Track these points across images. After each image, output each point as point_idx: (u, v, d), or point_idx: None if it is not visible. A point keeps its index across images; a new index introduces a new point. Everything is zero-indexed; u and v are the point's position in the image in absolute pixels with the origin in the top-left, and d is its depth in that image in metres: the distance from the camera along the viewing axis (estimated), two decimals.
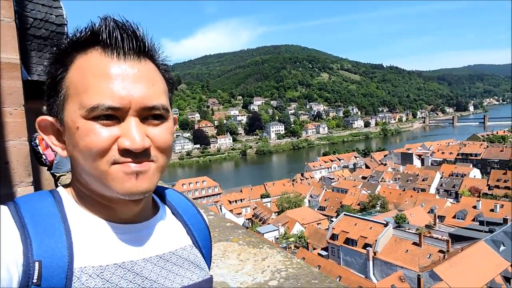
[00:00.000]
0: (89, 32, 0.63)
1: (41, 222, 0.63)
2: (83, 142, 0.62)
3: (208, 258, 0.86)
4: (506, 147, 74.31)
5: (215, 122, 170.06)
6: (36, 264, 0.58)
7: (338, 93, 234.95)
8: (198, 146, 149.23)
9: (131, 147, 0.61)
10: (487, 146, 76.91)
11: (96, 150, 0.61)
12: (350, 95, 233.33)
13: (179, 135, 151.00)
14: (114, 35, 0.62)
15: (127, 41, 0.63)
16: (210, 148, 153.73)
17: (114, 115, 0.62)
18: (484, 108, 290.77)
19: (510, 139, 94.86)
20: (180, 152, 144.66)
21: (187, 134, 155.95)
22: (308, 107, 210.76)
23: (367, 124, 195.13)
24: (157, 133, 0.65)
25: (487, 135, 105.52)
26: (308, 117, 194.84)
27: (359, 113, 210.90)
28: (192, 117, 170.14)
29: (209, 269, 0.85)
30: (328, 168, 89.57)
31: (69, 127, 0.64)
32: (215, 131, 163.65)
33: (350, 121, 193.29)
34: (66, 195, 0.70)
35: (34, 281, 0.58)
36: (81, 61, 0.64)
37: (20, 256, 0.58)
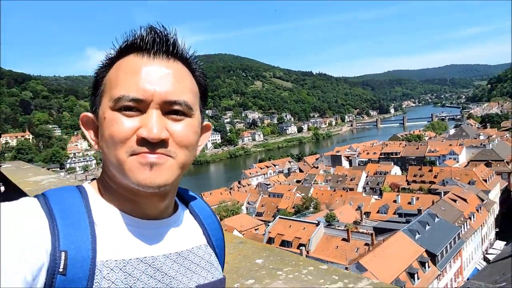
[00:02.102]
0: (129, 39, 0.71)
1: (68, 215, 0.65)
2: (107, 131, 0.67)
3: (221, 259, 0.88)
4: (421, 144, 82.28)
5: None
6: (63, 254, 0.61)
7: (272, 100, 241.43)
8: None
9: (147, 136, 0.64)
10: (405, 145, 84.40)
11: (117, 139, 0.65)
12: (283, 102, 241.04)
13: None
14: (147, 39, 0.70)
15: (158, 44, 0.70)
16: None
17: (137, 108, 0.66)
18: (403, 110, 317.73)
19: (425, 138, 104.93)
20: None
21: None
22: (243, 115, 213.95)
23: (300, 130, 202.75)
24: (178, 129, 0.68)
25: (406, 134, 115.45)
26: (243, 125, 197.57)
27: (292, 119, 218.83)
28: None
29: (222, 269, 0.86)
30: (264, 174, 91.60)
31: (100, 118, 0.70)
32: None
33: (284, 127, 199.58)
34: (91, 190, 0.73)
35: (60, 270, 0.60)
36: (119, 62, 0.71)
37: (49, 244, 0.60)
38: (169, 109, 0.68)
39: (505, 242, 38.96)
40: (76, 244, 0.63)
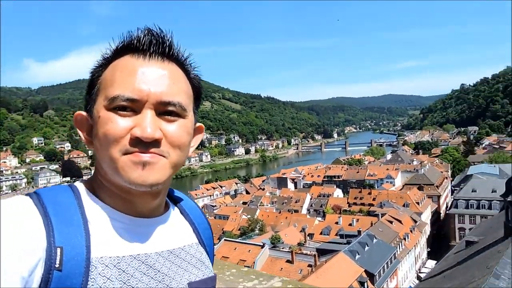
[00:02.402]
0: (126, 40, 0.73)
1: (61, 212, 0.66)
2: (101, 130, 0.68)
3: (211, 257, 0.89)
4: (361, 168, 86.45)
5: (89, 152, 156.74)
6: (58, 250, 0.61)
7: (220, 121, 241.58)
8: (68, 179, 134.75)
9: (141, 135, 0.65)
10: (347, 169, 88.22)
11: (111, 138, 0.66)
12: (232, 123, 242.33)
13: (44, 167, 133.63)
14: (143, 40, 0.71)
15: (154, 45, 0.71)
16: None
17: (132, 107, 0.68)
18: (346, 135, 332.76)
19: (365, 162, 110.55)
20: (44, 186, 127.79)
21: (55, 166, 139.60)
22: None
23: (247, 151, 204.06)
24: (171, 129, 0.70)
25: (347, 159, 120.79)
26: None
27: (240, 140, 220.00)
28: (61, 147, 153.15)
29: (212, 267, 0.87)
30: (210, 195, 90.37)
31: (94, 117, 0.71)
32: (89, 162, 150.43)
33: (232, 149, 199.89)
34: (83, 189, 0.74)
35: (56, 265, 0.60)
36: (115, 63, 0.73)
37: (44, 241, 0.61)
38: (163, 109, 0.69)
39: (435, 261, 41.53)
40: (71, 241, 0.63)
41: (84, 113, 0.75)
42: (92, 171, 0.81)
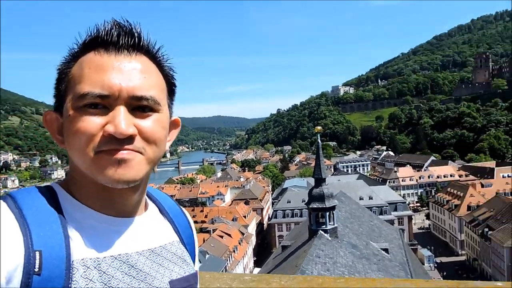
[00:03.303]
0: (93, 34, 0.70)
1: (39, 215, 0.64)
2: (72, 128, 0.66)
3: (193, 255, 0.89)
4: (193, 187, 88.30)
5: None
6: (37, 253, 0.60)
7: (33, 140, 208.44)
8: None
9: (115, 132, 0.63)
10: (180, 188, 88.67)
11: (83, 137, 0.64)
12: (49, 142, 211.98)
13: None
14: (111, 33, 0.68)
15: (122, 37, 0.68)
16: None
17: (103, 104, 0.65)
18: (178, 154, 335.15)
19: (197, 180, 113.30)
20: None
21: None
22: None
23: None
24: (145, 124, 0.67)
25: (180, 178, 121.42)
26: None
27: (60, 162, 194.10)
28: None
29: (194, 265, 0.87)
30: None
31: (64, 116, 0.68)
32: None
33: (49, 171, 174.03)
34: (60, 189, 0.72)
35: (36, 270, 0.59)
36: (82, 58, 0.70)
37: (21, 245, 0.60)
38: (136, 104, 0.67)
39: (260, 268, 45.47)
40: (50, 244, 0.62)
41: (53, 112, 0.73)
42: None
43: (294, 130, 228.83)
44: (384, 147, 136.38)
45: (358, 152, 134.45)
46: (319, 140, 20.31)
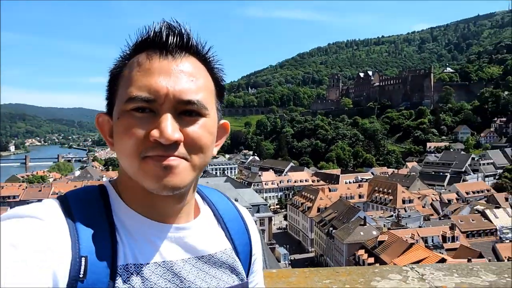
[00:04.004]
0: (144, 36, 0.69)
1: (88, 219, 0.65)
2: (119, 133, 0.66)
3: (245, 264, 0.84)
4: (44, 186, 77.81)
5: None
6: (83, 259, 0.60)
7: None
8: None
9: (160, 138, 0.62)
10: (26, 187, 77.06)
11: (129, 142, 0.64)
12: None
13: None
14: (160, 34, 0.67)
15: (171, 38, 0.67)
16: None
17: (150, 108, 0.64)
18: (26, 148, 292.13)
19: (50, 179, 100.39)
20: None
21: None
22: None
23: None
24: (192, 130, 0.66)
25: (28, 175, 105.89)
26: None
27: None
28: None
29: (247, 275, 0.84)
30: None
31: (114, 119, 0.68)
32: None
33: None
34: (112, 190, 0.72)
35: (81, 276, 0.60)
36: (132, 60, 0.69)
37: (69, 250, 0.60)
38: (183, 109, 0.65)
39: None
40: (97, 249, 0.62)
41: (105, 114, 0.73)
42: None
43: None
44: (251, 152, 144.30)
45: (227, 156, 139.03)
46: None
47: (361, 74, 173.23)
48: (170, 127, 0.62)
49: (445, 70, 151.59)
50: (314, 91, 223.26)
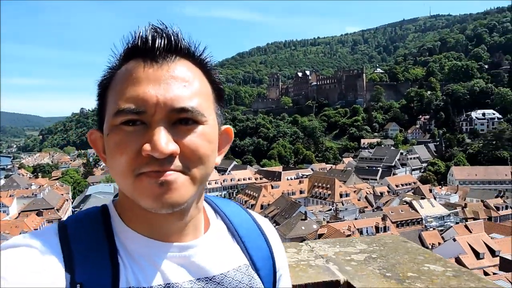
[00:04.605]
0: (129, 42, 0.63)
1: (87, 243, 0.62)
2: (111, 150, 0.61)
3: (268, 281, 0.76)
4: None
5: None
6: (78, 286, 0.58)
7: None
8: None
9: (153, 152, 0.57)
10: None
11: (121, 158, 0.59)
12: None
13: None
14: (146, 37, 0.62)
15: (158, 41, 0.61)
16: None
17: (141, 120, 0.59)
18: None
19: None
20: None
21: None
22: None
23: None
24: (188, 140, 0.60)
25: None
26: None
27: None
28: None
29: None
30: None
31: (104, 135, 0.64)
32: None
33: None
34: (113, 211, 0.69)
35: None
36: (120, 70, 0.64)
37: (63, 277, 0.58)
38: (177, 118, 0.60)
39: None
40: (94, 275, 0.59)
41: (97, 130, 0.68)
42: None
43: None
44: None
45: None
46: None
47: (300, 74, 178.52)
48: (163, 139, 0.57)
49: (375, 71, 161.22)
50: (255, 90, 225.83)
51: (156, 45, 0.61)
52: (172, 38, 0.62)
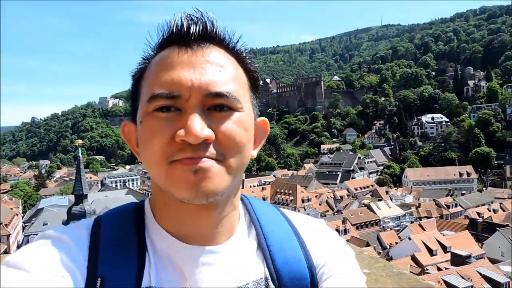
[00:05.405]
0: (165, 31, 0.62)
1: (115, 239, 0.62)
2: (144, 138, 0.59)
3: None
4: None
5: None
6: (99, 279, 0.58)
7: None
8: None
9: (187, 137, 0.54)
10: None
11: (154, 146, 0.57)
12: None
13: None
14: (181, 26, 0.61)
15: (193, 28, 0.60)
16: None
17: (175, 106, 0.57)
18: None
19: None
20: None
21: None
22: None
23: None
24: (224, 126, 0.57)
25: None
26: None
27: None
28: None
29: None
30: None
31: (138, 124, 0.62)
32: None
33: None
34: (148, 207, 0.67)
35: None
36: (154, 59, 0.63)
37: (84, 269, 0.58)
38: (212, 103, 0.57)
39: None
40: (117, 270, 0.59)
41: (131, 122, 0.66)
42: None
43: (54, 143, 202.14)
44: None
45: (128, 167, 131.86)
46: (79, 154, 19.18)
47: (260, 82, 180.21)
48: (197, 124, 0.54)
49: (333, 78, 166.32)
50: None
51: (191, 32, 0.60)
52: (208, 25, 0.61)
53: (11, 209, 70.04)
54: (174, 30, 0.61)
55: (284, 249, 0.67)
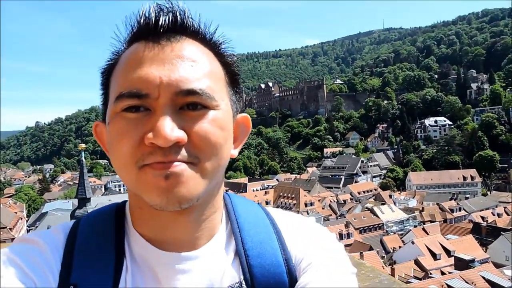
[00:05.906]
0: (132, 24, 0.56)
1: (93, 244, 0.59)
2: (112, 139, 0.54)
3: None
4: None
5: None
6: (71, 287, 0.54)
7: None
8: None
9: (156, 140, 0.49)
10: None
11: (122, 149, 0.52)
12: None
13: None
14: (149, 15, 0.54)
15: (162, 19, 0.54)
16: None
17: (144, 105, 0.52)
18: None
19: None
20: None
21: None
22: None
23: None
24: (197, 126, 0.52)
25: None
26: None
27: None
28: None
29: None
30: None
31: (107, 125, 0.57)
32: None
33: None
34: (128, 211, 0.63)
35: None
36: (123, 55, 0.57)
37: (57, 276, 0.55)
38: (184, 101, 0.52)
39: None
40: (92, 277, 0.55)
41: (102, 122, 0.60)
42: None
43: (58, 147, 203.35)
44: None
45: None
46: (82, 158, 19.45)
47: (263, 86, 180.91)
48: (167, 125, 0.49)
49: (335, 82, 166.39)
50: None
51: (160, 24, 0.54)
52: (179, 16, 0.55)
53: (16, 213, 70.58)
54: (142, 23, 0.55)
55: (262, 253, 0.62)
